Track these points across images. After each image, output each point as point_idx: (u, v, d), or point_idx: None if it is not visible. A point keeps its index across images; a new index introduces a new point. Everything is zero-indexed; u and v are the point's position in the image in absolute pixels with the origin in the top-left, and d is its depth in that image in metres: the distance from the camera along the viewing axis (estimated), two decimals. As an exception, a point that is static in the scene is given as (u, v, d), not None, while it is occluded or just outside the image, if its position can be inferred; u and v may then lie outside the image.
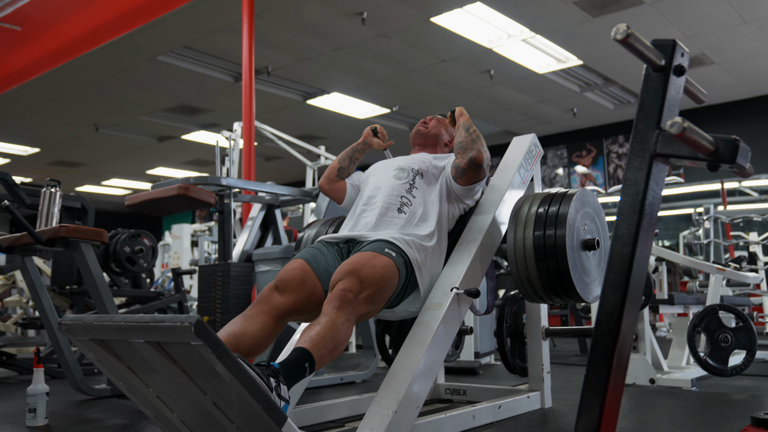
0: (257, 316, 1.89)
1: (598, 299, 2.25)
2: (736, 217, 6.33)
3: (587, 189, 2.34)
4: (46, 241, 2.66)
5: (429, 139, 2.61)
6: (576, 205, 2.22)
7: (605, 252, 2.38)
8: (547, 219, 2.19)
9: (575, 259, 2.16)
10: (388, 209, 2.26)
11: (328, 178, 2.61)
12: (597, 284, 2.30)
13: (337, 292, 1.85)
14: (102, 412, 2.74)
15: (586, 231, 2.27)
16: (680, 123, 0.95)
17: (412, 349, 1.98)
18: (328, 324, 1.77)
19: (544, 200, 2.27)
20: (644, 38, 1.13)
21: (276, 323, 1.92)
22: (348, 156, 2.65)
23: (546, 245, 2.15)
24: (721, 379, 3.38)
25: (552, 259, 2.14)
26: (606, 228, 2.43)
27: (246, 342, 1.82)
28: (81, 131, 10.12)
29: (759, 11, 6.35)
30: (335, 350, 1.77)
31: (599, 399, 1.09)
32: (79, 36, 6.34)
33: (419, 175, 2.36)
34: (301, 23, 6.47)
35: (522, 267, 2.21)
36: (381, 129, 2.72)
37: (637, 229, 1.11)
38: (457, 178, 2.33)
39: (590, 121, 10.29)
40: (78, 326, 1.63)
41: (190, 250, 9.87)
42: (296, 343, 1.76)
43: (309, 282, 2.02)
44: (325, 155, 6.07)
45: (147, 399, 1.75)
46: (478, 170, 2.29)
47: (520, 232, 2.23)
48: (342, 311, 1.82)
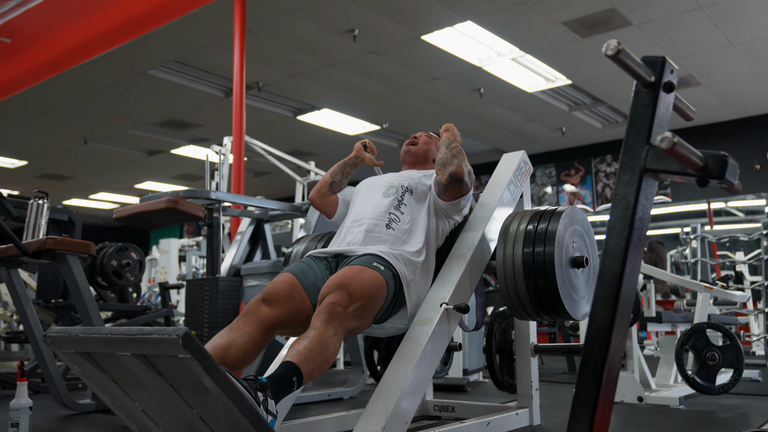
0: (243, 328, 1.88)
1: (586, 317, 2.26)
2: (723, 237, 6.37)
3: (576, 206, 2.35)
4: (33, 253, 2.64)
5: (419, 156, 2.62)
6: (565, 223, 2.22)
7: (594, 270, 2.39)
8: (536, 236, 2.19)
9: (564, 276, 2.16)
10: (377, 225, 2.26)
11: (320, 192, 2.60)
12: (586, 302, 2.29)
13: (326, 306, 1.84)
14: (86, 427, 2.70)
15: (575, 248, 2.27)
16: (670, 138, 0.96)
17: (401, 365, 1.97)
18: (317, 338, 1.76)
19: (533, 217, 2.28)
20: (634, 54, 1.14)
21: (263, 335, 1.91)
22: (340, 170, 2.64)
23: (535, 262, 2.15)
24: (709, 398, 3.39)
25: (541, 277, 2.14)
26: (595, 246, 2.43)
27: (232, 354, 1.81)
28: (69, 144, 10.07)
29: (745, 34, 6.44)
30: (324, 364, 1.76)
31: (589, 414, 1.09)
32: (69, 49, 6.32)
33: (408, 191, 2.37)
34: (293, 39, 6.49)
35: (511, 284, 2.21)
36: (371, 144, 2.73)
37: (627, 243, 1.11)
38: (440, 194, 2.33)
39: (579, 140, 10.37)
40: (63, 339, 1.61)
41: (177, 264, 9.80)
42: (284, 357, 1.75)
43: (297, 295, 2.02)
44: (314, 171, 6.07)
45: (133, 414, 1.73)
46: (460, 185, 2.30)
47: (509, 248, 2.23)
48: (330, 325, 1.81)
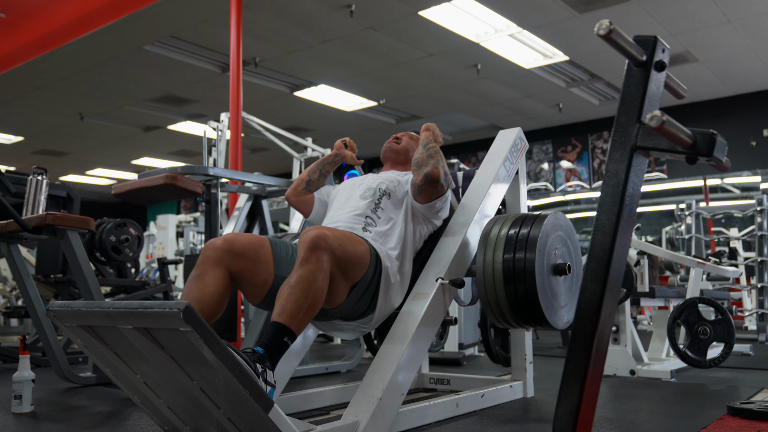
0: (208, 273, 1.86)
1: (569, 325, 2.19)
2: (718, 213, 6.42)
3: (559, 212, 2.28)
4: (33, 229, 2.66)
5: (400, 155, 2.56)
6: (547, 229, 2.16)
7: (577, 276, 2.32)
8: (517, 242, 2.13)
9: (545, 284, 2.11)
10: (353, 229, 2.19)
11: (296, 191, 2.52)
12: (567, 310, 2.23)
13: (310, 238, 1.79)
14: (88, 399, 2.75)
15: (557, 255, 2.21)
16: (659, 116, 0.99)
17: (397, 338, 2.01)
18: (299, 281, 1.73)
19: (515, 222, 2.21)
20: (627, 35, 1.16)
21: (228, 278, 1.89)
22: (318, 169, 2.54)
23: (515, 269, 2.09)
24: (700, 371, 3.45)
25: (521, 284, 2.08)
26: (579, 251, 2.37)
27: (207, 302, 1.82)
28: (66, 120, 10.04)
29: (742, 10, 6.42)
30: (313, 307, 1.74)
31: (579, 384, 1.13)
32: (65, 24, 6.28)
33: (386, 195, 2.30)
34: (289, 15, 6.46)
35: (491, 290, 2.15)
36: (351, 142, 2.63)
37: (617, 219, 1.14)
38: (415, 196, 2.27)
39: (576, 117, 10.36)
40: (66, 312, 1.64)
41: (175, 240, 9.83)
42: (272, 315, 1.73)
43: (262, 253, 1.97)
44: (312, 147, 6.08)
45: (134, 385, 1.77)
46: (435, 186, 2.22)
47: (490, 254, 2.17)
48: (313, 260, 1.76)
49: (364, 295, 2.03)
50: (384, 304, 2.09)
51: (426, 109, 9.75)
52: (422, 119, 10.10)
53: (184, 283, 3.53)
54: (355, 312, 2.08)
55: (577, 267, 2.32)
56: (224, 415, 1.58)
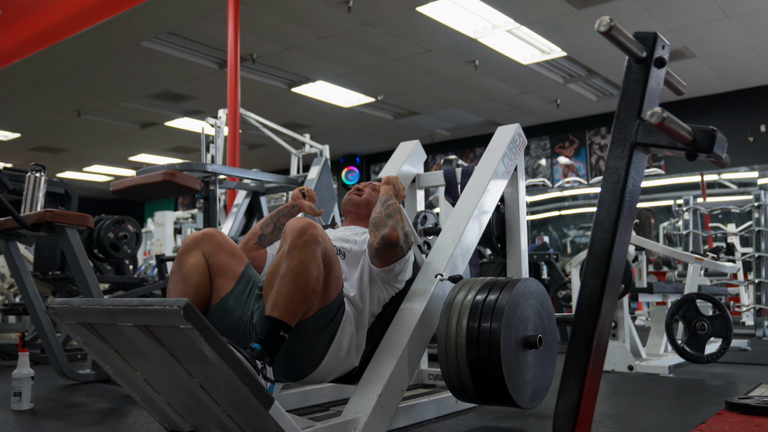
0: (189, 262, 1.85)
1: (537, 404, 2.01)
2: (715, 209, 6.43)
3: (532, 279, 2.06)
4: (32, 226, 2.66)
5: (361, 208, 2.37)
6: (517, 297, 1.94)
7: (551, 347, 2.10)
8: (483, 311, 1.91)
9: (511, 359, 1.89)
10: None
11: (246, 245, 2.20)
12: (535, 388, 2.00)
13: (300, 226, 1.71)
14: (87, 396, 2.75)
15: (528, 327, 1.98)
16: (660, 113, 0.99)
17: (396, 335, 2.02)
18: (289, 273, 1.67)
19: (484, 287, 2.00)
20: (626, 31, 1.16)
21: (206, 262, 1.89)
22: (272, 222, 2.26)
23: (479, 342, 1.87)
24: (698, 366, 3.46)
25: (485, 356, 1.86)
26: (553, 319, 2.13)
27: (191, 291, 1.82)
28: (63, 117, 10.02)
29: (740, 5, 6.42)
30: (306, 297, 1.69)
31: (579, 380, 1.13)
32: (62, 20, 6.26)
33: (341, 254, 2.09)
34: (287, 11, 6.45)
35: (453, 363, 1.93)
36: (310, 191, 2.38)
37: (617, 215, 1.14)
38: (372, 259, 2.06)
39: (573, 113, 10.37)
40: (66, 310, 1.64)
41: (173, 237, 9.83)
42: (266, 308, 1.69)
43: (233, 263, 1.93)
44: (310, 143, 6.07)
45: (134, 382, 1.77)
46: (393, 249, 2.03)
47: (453, 322, 1.95)
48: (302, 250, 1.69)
49: (325, 330, 1.85)
50: (335, 354, 1.89)
51: (423, 105, 9.74)
52: (420, 115, 10.09)
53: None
54: (308, 352, 1.86)
55: (550, 336, 2.09)
56: (224, 412, 1.58)
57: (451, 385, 1.97)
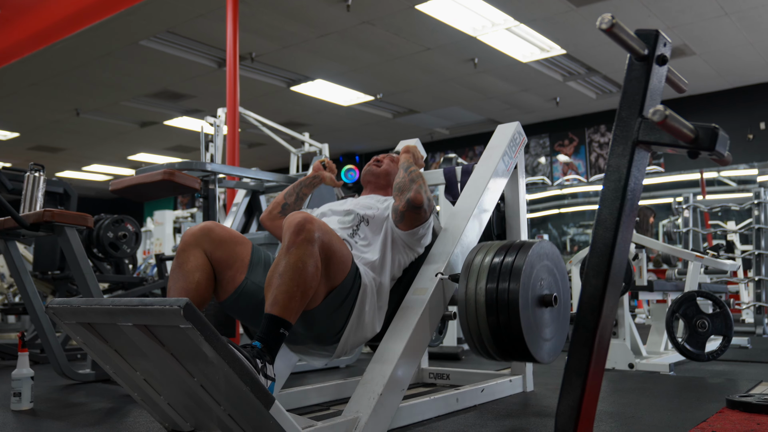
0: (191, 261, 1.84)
1: (554, 359, 2.12)
2: (715, 207, 6.43)
3: (546, 240, 2.18)
4: (31, 226, 2.65)
5: (380, 178, 2.47)
6: (533, 258, 2.03)
7: (564, 306, 2.21)
8: (501, 271, 2.00)
9: (529, 316, 1.99)
10: None
11: (270, 214, 2.38)
12: (552, 343, 2.12)
13: (296, 221, 1.73)
14: (87, 396, 2.75)
15: (543, 286, 2.08)
16: (662, 111, 0.98)
17: (397, 333, 2.01)
18: (288, 270, 1.68)
19: (500, 250, 2.09)
20: (628, 28, 1.16)
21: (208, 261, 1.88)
22: (294, 192, 2.42)
23: (498, 300, 1.97)
24: (698, 364, 3.46)
25: (504, 316, 1.96)
26: (566, 280, 2.23)
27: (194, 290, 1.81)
28: (62, 116, 10.01)
29: (740, 3, 6.42)
30: (305, 294, 1.70)
31: (581, 379, 1.13)
32: (60, 19, 6.25)
33: (365, 221, 2.21)
34: (286, 9, 6.44)
35: (473, 322, 2.03)
36: (330, 163, 2.54)
37: (619, 214, 1.14)
38: (397, 222, 2.16)
39: (573, 111, 10.37)
40: (65, 310, 1.64)
41: (172, 236, 9.83)
42: (265, 306, 1.70)
43: (240, 250, 1.94)
44: (309, 142, 6.06)
45: (134, 382, 1.77)
46: (418, 212, 2.13)
47: (472, 284, 2.04)
48: (300, 246, 1.70)
49: (340, 307, 1.92)
50: (356, 325, 1.97)
51: (423, 104, 9.73)
52: (419, 113, 10.09)
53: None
54: (328, 329, 1.96)
55: (564, 296, 2.19)
56: (225, 412, 1.57)
57: (473, 344, 2.06)
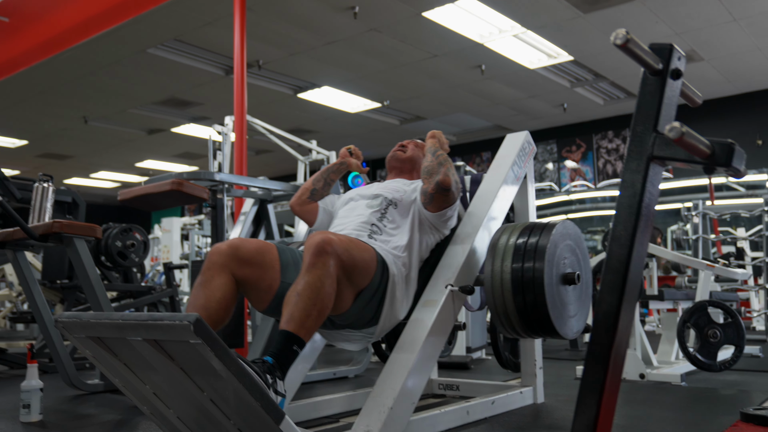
0: (214, 279, 1.84)
1: (578, 335, 2.19)
2: (724, 213, 6.39)
3: (567, 220, 2.24)
4: (40, 237, 2.65)
5: (405, 163, 2.55)
6: (556, 238, 2.12)
7: (586, 285, 2.29)
8: (526, 251, 2.09)
9: (554, 294, 2.07)
10: (359, 236, 2.16)
11: (300, 199, 2.48)
12: (576, 319, 2.20)
13: (315, 243, 1.78)
14: (96, 407, 2.74)
15: (566, 264, 2.16)
16: (678, 128, 0.97)
17: (407, 346, 2.00)
18: (306, 288, 1.71)
19: (524, 231, 2.18)
20: (635, 36, 1.14)
21: (235, 284, 1.88)
22: (322, 177, 2.51)
23: (524, 279, 2.05)
24: (710, 374, 3.43)
25: (530, 294, 2.04)
26: (587, 259, 2.33)
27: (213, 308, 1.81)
28: (69, 124, 10.05)
29: (749, 8, 6.39)
30: (321, 313, 1.73)
31: (596, 397, 1.11)
32: (68, 28, 6.28)
33: (392, 204, 2.28)
34: (293, 17, 6.45)
35: (499, 300, 2.11)
36: (356, 150, 2.60)
37: (634, 230, 1.12)
38: (426, 204, 2.24)
39: (580, 117, 10.33)
40: (75, 324, 1.63)
41: (180, 243, 9.83)
42: (280, 323, 1.72)
43: (268, 258, 1.97)
44: (316, 150, 6.06)
45: (143, 396, 1.76)
46: (447, 194, 2.20)
47: (498, 263, 2.13)
48: (320, 265, 1.75)
49: (370, 302, 2.00)
50: (389, 313, 2.06)
51: (430, 110, 9.72)
52: (426, 120, 10.08)
53: (190, 287, 3.52)
54: (361, 320, 2.05)
55: (586, 275, 2.28)
56: (234, 426, 1.56)
57: (499, 321, 2.14)
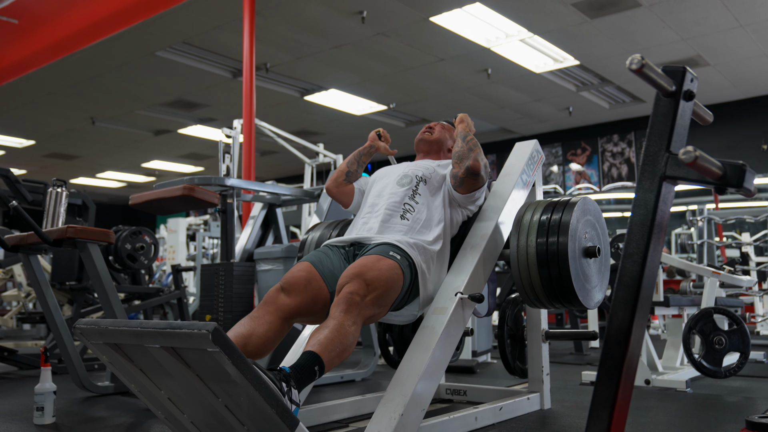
0: (264, 317, 1.93)
1: (599, 304, 2.31)
2: (729, 218, 6.40)
3: (588, 197, 2.38)
4: (54, 242, 2.69)
5: (433, 145, 2.65)
6: (578, 214, 2.26)
7: (606, 257, 2.43)
8: (550, 227, 2.23)
9: (577, 266, 2.21)
10: (392, 216, 2.30)
11: (336, 182, 2.61)
12: (598, 290, 2.34)
13: (344, 296, 1.89)
14: (107, 409, 2.77)
15: (587, 239, 2.30)
16: (692, 152, 1.00)
17: (417, 353, 2.02)
18: (336, 327, 1.81)
19: (547, 208, 2.32)
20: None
21: (282, 324, 1.96)
22: (356, 160, 2.65)
23: (548, 253, 2.20)
24: (715, 380, 3.44)
25: (554, 267, 2.18)
26: (606, 234, 2.47)
27: (254, 343, 1.87)
28: (77, 124, 10.11)
29: (755, 14, 6.41)
30: (343, 353, 1.81)
31: (608, 411, 1.14)
32: (78, 30, 6.33)
33: (423, 181, 2.39)
34: (301, 21, 6.49)
35: (524, 274, 2.25)
36: (385, 133, 2.73)
37: (646, 248, 1.15)
38: (456, 187, 2.37)
39: (585, 120, 10.35)
40: (93, 331, 1.66)
41: (185, 244, 9.87)
42: (305, 346, 1.79)
43: (315, 284, 2.06)
44: (323, 153, 6.10)
45: (158, 400, 1.79)
46: (476, 178, 2.33)
47: (523, 239, 2.27)
48: (349, 314, 1.86)
49: (405, 297, 2.15)
50: (426, 294, 2.20)
51: (436, 113, 9.75)
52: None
53: (201, 292, 3.56)
54: (401, 307, 2.20)
55: (605, 248, 2.42)
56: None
57: (524, 293, 2.29)
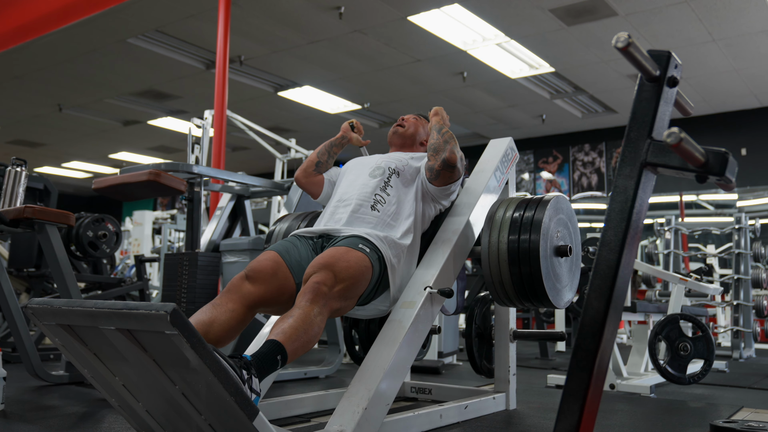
0: (227, 304, 1.88)
1: (569, 304, 2.29)
2: (696, 230, 6.48)
3: (561, 195, 2.37)
4: (10, 222, 2.59)
5: (406, 138, 2.61)
6: (550, 212, 2.24)
7: (576, 257, 2.41)
8: (522, 224, 2.21)
9: (548, 265, 2.19)
10: (362, 206, 2.26)
11: (305, 172, 2.57)
12: (568, 290, 2.32)
13: (311, 285, 1.84)
14: (60, 399, 2.68)
15: (559, 237, 2.28)
16: (677, 133, 0.97)
17: (383, 347, 1.98)
18: (301, 317, 1.76)
19: (520, 205, 2.30)
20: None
21: (245, 312, 1.90)
22: (326, 150, 2.60)
23: (520, 250, 2.17)
24: (678, 387, 3.46)
25: (525, 264, 2.16)
26: (578, 233, 2.46)
27: (215, 331, 1.81)
28: (44, 111, 9.86)
29: (728, 30, 6.50)
30: (308, 343, 1.76)
31: (579, 403, 1.10)
32: (47, 13, 6.16)
33: (395, 173, 2.36)
34: (278, 14, 6.41)
35: (495, 271, 2.23)
36: (358, 124, 2.70)
37: (624, 235, 1.12)
38: (431, 179, 2.34)
39: (558, 128, 10.42)
40: (45, 310, 1.58)
41: (151, 237, 9.70)
42: (268, 335, 1.74)
43: (281, 274, 2.01)
44: (295, 148, 6.03)
45: (112, 387, 1.71)
46: (453, 171, 2.31)
47: (495, 235, 2.25)
48: (315, 304, 1.81)
49: (374, 291, 2.11)
50: (396, 286, 2.16)
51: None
52: (405, 124, 10.08)
53: (160, 281, 3.47)
54: (368, 300, 2.15)
55: (577, 248, 2.40)
56: (205, 421, 1.53)
57: (494, 291, 2.26)
